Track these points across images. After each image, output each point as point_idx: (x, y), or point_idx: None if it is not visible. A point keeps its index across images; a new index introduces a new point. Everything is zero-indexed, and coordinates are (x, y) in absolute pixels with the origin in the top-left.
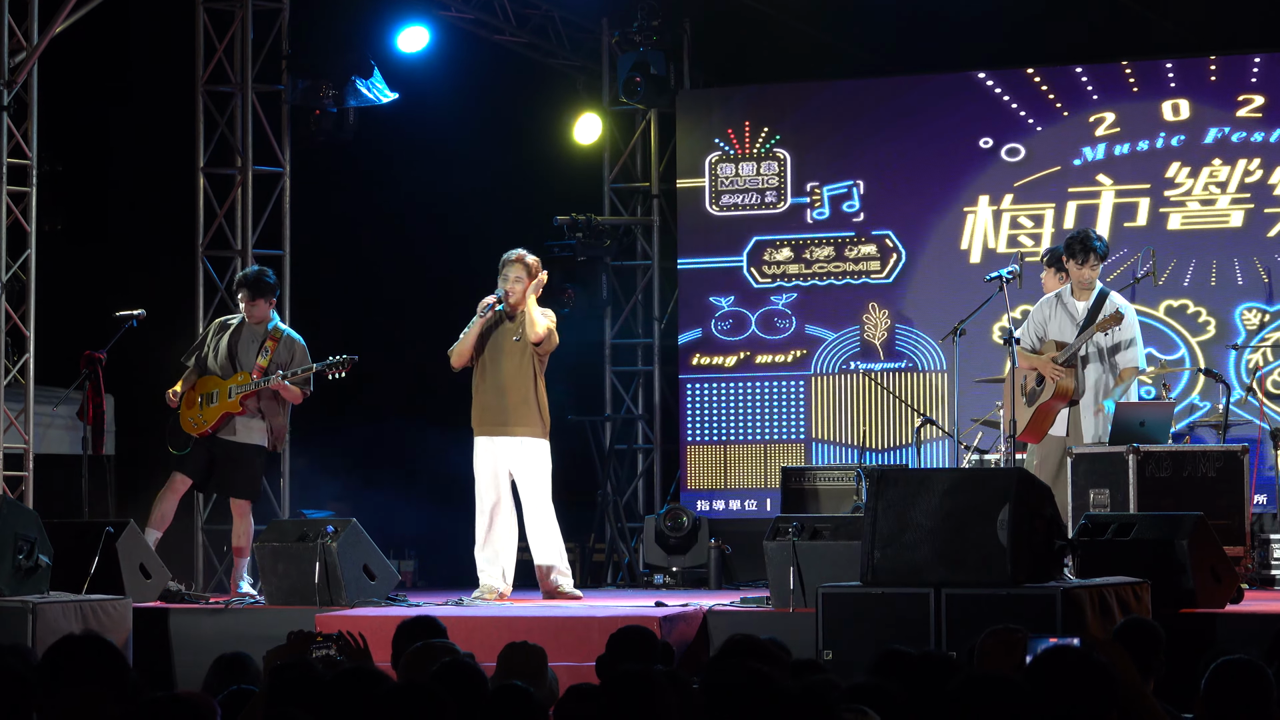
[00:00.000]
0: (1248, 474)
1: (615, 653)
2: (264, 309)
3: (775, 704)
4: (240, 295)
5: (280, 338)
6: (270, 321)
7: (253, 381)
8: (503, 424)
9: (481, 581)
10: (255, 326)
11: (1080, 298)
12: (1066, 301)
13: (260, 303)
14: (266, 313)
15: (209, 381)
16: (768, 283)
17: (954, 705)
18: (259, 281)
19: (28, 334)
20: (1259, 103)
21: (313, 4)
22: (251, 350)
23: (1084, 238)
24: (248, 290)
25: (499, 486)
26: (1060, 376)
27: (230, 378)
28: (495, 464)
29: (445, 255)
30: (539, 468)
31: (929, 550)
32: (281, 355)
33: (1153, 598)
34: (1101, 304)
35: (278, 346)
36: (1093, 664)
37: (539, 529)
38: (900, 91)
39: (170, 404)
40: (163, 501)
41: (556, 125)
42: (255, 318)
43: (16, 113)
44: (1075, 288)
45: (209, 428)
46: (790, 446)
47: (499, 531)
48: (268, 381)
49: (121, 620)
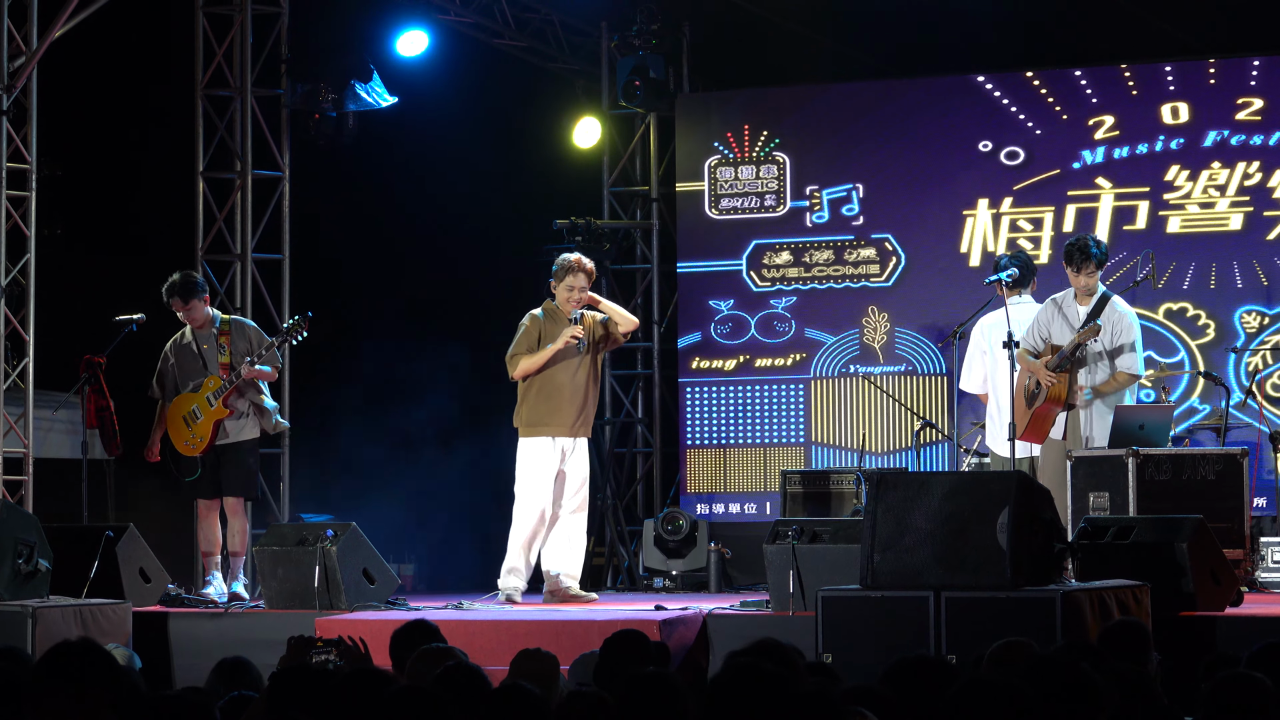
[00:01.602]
0: (1247, 477)
1: (610, 657)
2: (201, 310)
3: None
4: (174, 305)
5: (230, 329)
6: (214, 320)
7: (225, 381)
8: (574, 426)
9: (504, 583)
10: (201, 330)
11: (1082, 302)
12: (1068, 306)
13: (195, 304)
14: (205, 312)
15: (184, 401)
16: (767, 286)
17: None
18: (185, 285)
19: (27, 338)
20: (1258, 106)
21: (312, 8)
22: (211, 354)
23: (1082, 246)
24: (178, 297)
25: (553, 488)
26: (1053, 381)
27: (202, 388)
28: (554, 465)
29: (444, 258)
30: (588, 468)
31: (928, 553)
32: (238, 344)
33: (1152, 601)
34: (1102, 308)
35: (231, 338)
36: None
37: (578, 531)
38: (899, 95)
39: (151, 459)
40: (206, 528)
41: (556, 129)
42: (197, 321)
43: (16, 117)
44: (1077, 292)
45: (207, 443)
46: (790, 450)
47: (543, 532)
48: (239, 374)
49: (121, 624)
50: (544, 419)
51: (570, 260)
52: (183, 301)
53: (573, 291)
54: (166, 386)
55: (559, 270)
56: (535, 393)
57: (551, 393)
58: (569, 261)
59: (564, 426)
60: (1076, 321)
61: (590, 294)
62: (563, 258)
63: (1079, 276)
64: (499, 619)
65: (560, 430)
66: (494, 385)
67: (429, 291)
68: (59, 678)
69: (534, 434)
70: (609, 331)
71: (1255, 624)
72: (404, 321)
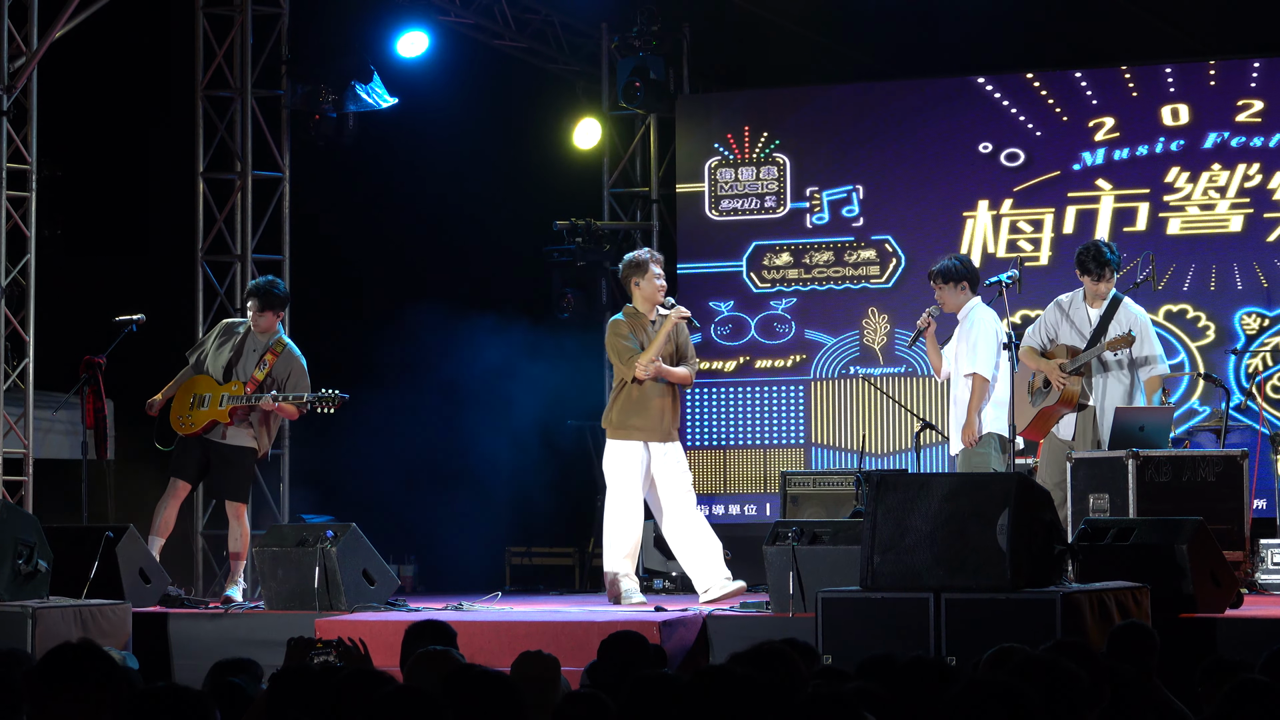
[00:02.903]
0: (1247, 479)
1: (607, 658)
2: (271, 320)
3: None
4: (250, 304)
5: (281, 351)
6: (275, 334)
7: (245, 395)
8: (660, 430)
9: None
10: (259, 336)
11: (1093, 305)
12: (1077, 308)
13: (269, 314)
14: (273, 325)
15: (202, 382)
16: (767, 288)
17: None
18: (269, 293)
19: (27, 339)
20: (1258, 107)
21: (312, 9)
22: (251, 360)
23: (1097, 254)
24: (258, 300)
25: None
26: (1067, 383)
27: (225, 385)
28: (641, 466)
29: (445, 259)
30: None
31: (928, 555)
32: (279, 370)
33: (1152, 602)
34: (1115, 310)
35: (277, 360)
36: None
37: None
38: (900, 96)
39: (150, 412)
40: (164, 509)
41: (556, 130)
42: (261, 328)
43: (16, 118)
44: (1087, 295)
45: (195, 430)
46: (790, 451)
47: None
48: (259, 400)
49: (121, 625)
50: (630, 421)
51: (641, 254)
52: (259, 307)
53: (660, 279)
54: (199, 358)
55: (634, 266)
56: (624, 395)
57: (639, 396)
58: (640, 256)
59: (650, 430)
60: (1086, 325)
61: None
62: (630, 256)
63: (1099, 284)
64: (499, 620)
65: (647, 434)
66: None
67: (429, 292)
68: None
69: (621, 436)
70: (682, 344)
71: (1255, 626)
72: (404, 322)
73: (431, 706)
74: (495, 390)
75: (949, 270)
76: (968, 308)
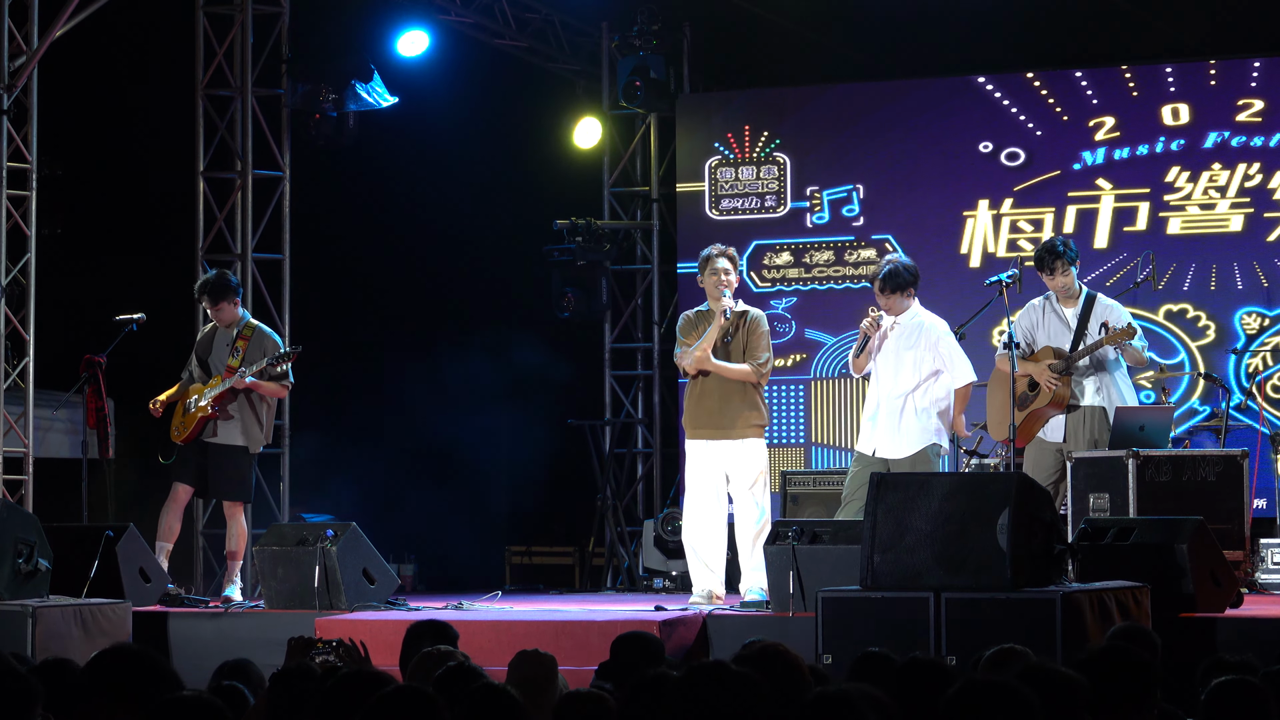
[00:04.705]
0: (1247, 478)
1: (619, 657)
2: (230, 311)
3: None
4: (203, 303)
5: (251, 335)
6: (241, 320)
7: (221, 383)
8: (726, 427)
9: (697, 585)
10: (226, 329)
11: (1067, 304)
12: (1055, 308)
13: (224, 305)
14: (234, 314)
15: (192, 390)
16: (767, 287)
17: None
18: (217, 285)
19: (27, 338)
20: (1259, 107)
21: (312, 8)
22: (224, 352)
23: (1049, 248)
24: (208, 296)
25: (717, 490)
26: (1056, 384)
27: (208, 383)
28: (710, 466)
29: (445, 259)
30: (762, 466)
31: (928, 554)
32: (253, 353)
33: (1152, 602)
34: (1091, 307)
35: (249, 344)
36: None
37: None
38: (900, 96)
39: (153, 413)
40: (167, 514)
41: (556, 129)
42: (224, 321)
43: (16, 117)
44: (1058, 295)
45: (188, 434)
46: (790, 450)
47: (714, 534)
48: (231, 382)
49: (121, 624)
50: (696, 420)
51: (707, 250)
52: (211, 301)
53: (717, 275)
54: (190, 374)
55: (700, 263)
56: (689, 395)
57: (702, 395)
58: (705, 252)
59: (717, 428)
60: (1066, 324)
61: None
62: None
63: (1055, 278)
64: (499, 619)
65: (715, 432)
66: (494, 384)
67: (429, 291)
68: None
69: (691, 436)
70: (749, 340)
71: (1255, 626)
72: (404, 321)
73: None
74: (496, 389)
75: (901, 278)
76: (914, 313)
